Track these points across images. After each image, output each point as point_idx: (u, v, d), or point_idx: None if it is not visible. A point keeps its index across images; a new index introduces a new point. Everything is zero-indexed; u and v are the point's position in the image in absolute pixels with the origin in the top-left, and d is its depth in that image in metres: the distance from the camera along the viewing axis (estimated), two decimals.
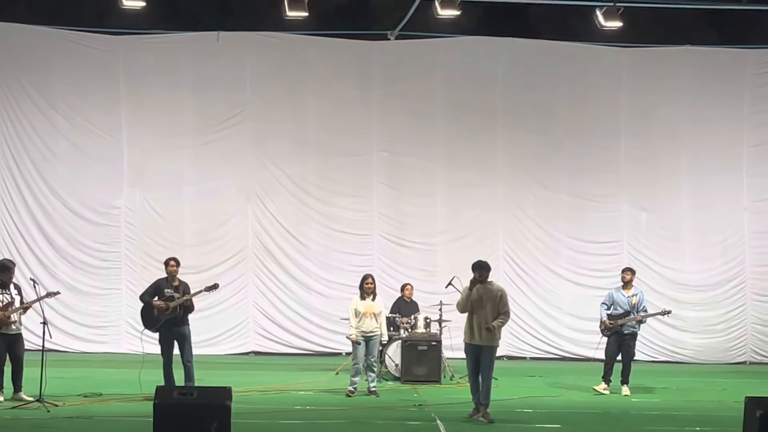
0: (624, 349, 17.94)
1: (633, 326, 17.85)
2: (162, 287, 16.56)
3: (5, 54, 22.19)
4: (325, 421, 15.00)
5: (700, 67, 23.17)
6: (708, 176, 22.97)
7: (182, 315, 16.49)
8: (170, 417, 12.90)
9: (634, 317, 17.68)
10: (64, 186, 22.28)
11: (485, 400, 14.99)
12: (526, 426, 15.10)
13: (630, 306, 17.82)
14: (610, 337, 18.03)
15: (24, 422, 14.46)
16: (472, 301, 15.01)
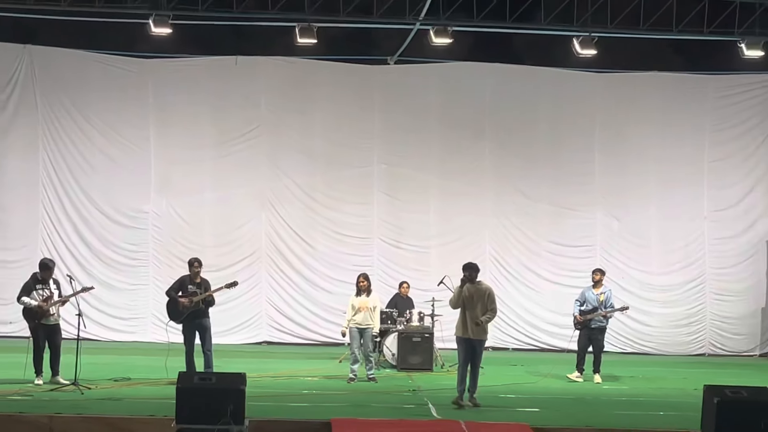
0: (593, 342, 18.02)
1: (600, 321, 17.91)
2: (186, 284, 16.66)
3: (47, 75, 22.21)
4: (328, 404, 15.04)
5: (666, 91, 23.18)
6: (673, 188, 22.98)
7: (204, 309, 16.59)
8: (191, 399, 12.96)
9: (600, 312, 17.76)
10: (98, 193, 22.31)
11: (473, 389, 15.08)
12: (509, 410, 15.12)
13: (598, 303, 17.91)
14: (581, 330, 18.12)
15: (60, 403, 14.51)
16: (464, 299, 15.12)
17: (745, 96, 23.08)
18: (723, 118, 23.09)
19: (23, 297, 16.11)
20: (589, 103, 23.05)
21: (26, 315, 16.22)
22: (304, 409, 14.58)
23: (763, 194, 23.02)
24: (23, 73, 22.18)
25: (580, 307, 18.08)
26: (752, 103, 23.07)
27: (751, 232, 22.95)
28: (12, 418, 13.61)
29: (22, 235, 22.09)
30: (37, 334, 16.11)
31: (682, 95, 23.14)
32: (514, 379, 18.33)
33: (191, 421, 12.80)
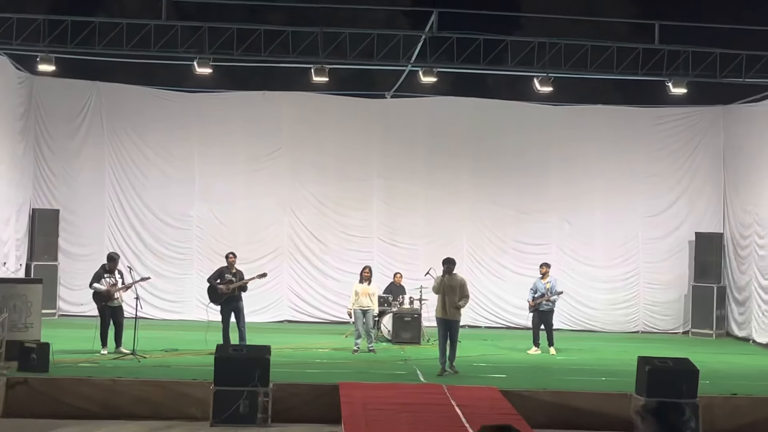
0: (544, 321, 18.23)
1: (547, 304, 18.18)
2: (224, 273, 16.80)
3: (111, 105, 22.23)
4: (336, 371, 15.09)
5: (608, 120, 23.15)
6: (614, 198, 22.94)
7: (238, 294, 16.68)
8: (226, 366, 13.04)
9: (546, 297, 17.96)
10: (152, 200, 22.31)
11: (452, 358, 15.16)
12: (481, 376, 15.21)
13: (545, 290, 18.11)
14: (534, 312, 18.31)
15: (121, 369, 14.60)
16: (443, 287, 15.22)
17: (671, 125, 23.06)
18: (654, 142, 23.06)
19: (94, 283, 16.26)
20: (546, 130, 23.00)
21: (96, 298, 16.34)
22: (317, 375, 14.65)
23: (685, 204, 23.00)
24: (93, 104, 22.19)
25: (533, 295, 18.27)
26: (677, 131, 23.04)
27: (676, 233, 22.92)
28: (82, 381, 13.68)
29: (91, 234, 22.09)
30: (104, 313, 16.24)
31: (621, 124, 23.11)
32: (485, 351, 18.41)
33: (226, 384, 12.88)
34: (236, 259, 17.12)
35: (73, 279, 21.66)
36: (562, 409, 13.63)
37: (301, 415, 13.26)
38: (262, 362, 13.03)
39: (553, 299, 18.29)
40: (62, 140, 22.09)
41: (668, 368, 13.29)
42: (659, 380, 12.92)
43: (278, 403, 13.07)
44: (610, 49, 18.56)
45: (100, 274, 16.42)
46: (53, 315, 20.75)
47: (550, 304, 18.23)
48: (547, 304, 18.17)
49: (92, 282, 16.37)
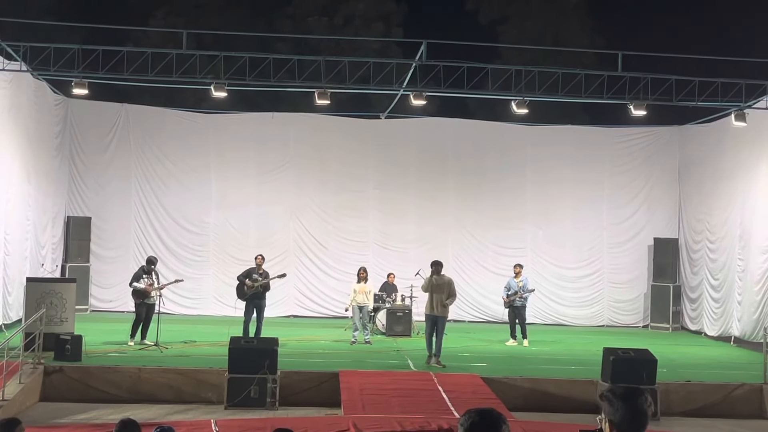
0: (518, 316, 18.23)
1: (520, 300, 18.19)
2: (252, 273, 16.76)
3: (137, 124, 22.23)
4: (336, 360, 15.10)
5: (577, 139, 23.18)
6: (582, 208, 22.97)
7: (262, 292, 16.64)
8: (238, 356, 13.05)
9: (519, 294, 17.98)
10: (173, 208, 22.29)
11: (438, 353, 15.06)
12: (465, 364, 15.21)
13: (517, 288, 18.12)
14: (509, 308, 18.34)
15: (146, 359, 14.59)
16: (432, 286, 15.18)
17: (633, 143, 23.11)
18: (618, 158, 23.10)
19: (134, 282, 16.30)
20: (522, 147, 23.04)
21: (135, 295, 16.34)
22: (319, 364, 14.64)
23: (645, 212, 23.03)
24: (121, 123, 22.19)
25: (507, 292, 18.31)
26: (638, 148, 23.10)
27: (636, 239, 22.94)
28: (111, 369, 13.68)
29: (119, 238, 22.07)
30: (140, 309, 16.26)
31: (589, 142, 23.15)
32: (468, 343, 18.42)
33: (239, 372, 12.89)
34: (264, 261, 17.13)
35: (103, 278, 21.67)
36: (536, 393, 13.68)
37: (306, 399, 13.29)
38: (270, 352, 13.03)
39: (525, 296, 18.28)
40: (94, 155, 22.08)
41: (630, 358, 13.33)
42: (622, 368, 12.95)
43: (285, 389, 13.10)
44: (578, 75, 18.62)
45: (139, 274, 16.42)
46: (85, 310, 20.72)
47: (523, 300, 18.24)
48: (520, 300, 18.18)
49: (132, 281, 16.38)
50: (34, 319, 13.83)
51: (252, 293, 16.52)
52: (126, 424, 7.47)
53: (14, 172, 18.12)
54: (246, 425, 11.10)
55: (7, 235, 17.72)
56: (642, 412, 3.97)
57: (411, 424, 10.89)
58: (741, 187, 19.63)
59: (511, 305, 18.24)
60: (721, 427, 12.94)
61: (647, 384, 12.55)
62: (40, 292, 15.03)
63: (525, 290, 18.21)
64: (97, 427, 11.40)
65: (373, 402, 12.29)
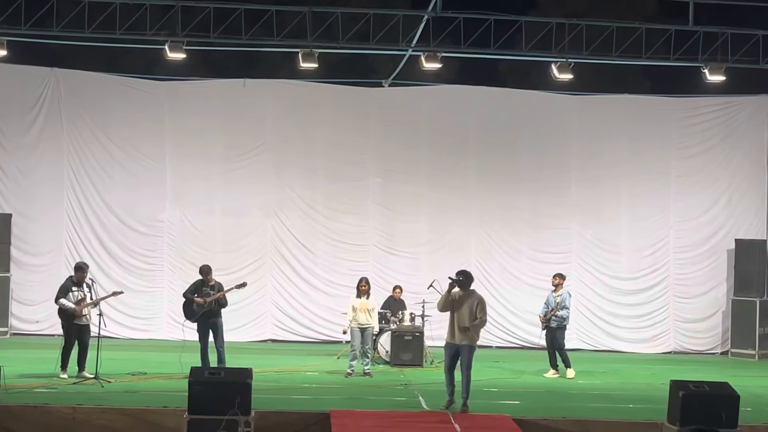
0: (553, 340, 18.12)
1: (555, 320, 18.02)
2: (200, 287, 16.70)
3: (71, 95, 22.22)
4: (327, 397, 15.04)
5: (635, 112, 23.19)
6: (642, 200, 23.01)
7: (217, 308, 16.64)
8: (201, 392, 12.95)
9: (553, 312, 17.92)
10: (117, 203, 22.30)
11: (465, 394, 14.54)
12: (492, 402, 15.14)
13: (555, 304, 18.04)
14: (545, 330, 18.28)
15: (83, 395, 14.54)
16: (452, 302, 14.62)
17: (707, 117, 23.11)
18: (687, 136, 23.12)
19: (61, 299, 16.14)
20: (565, 124, 23.07)
21: (62, 315, 16.25)
22: (305, 402, 14.60)
23: (723, 207, 23.05)
24: (50, 94, 22.18)
25: (546, 309, 18.23)
26: (713, 123, 23.11)
27: (712, 240, 22.97)
28: (38, 409, 13.61)
29: (48, 241, 22.09)
30: (69, 332, 16.16)
31: (650, 116, 23.15)
32: (496, 375, 18.36)
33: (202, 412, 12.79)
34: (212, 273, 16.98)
35: (28, 293, 21.67)
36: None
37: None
38: (242, 387, 12.97)
39: (560, 314, 18.05)
40: (14, 135, 22.10)
41: (704, 393, 13.26)
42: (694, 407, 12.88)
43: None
44: (638, 30, 18.60)
45: (67, 287, 16.26)
46: (5, 334, 20.75)
47: (558, 319, 18.09)
48: (555, 320, 18.08)
49: (59, 296, 16.26)
50: None
51: (204, 311, 16.52)
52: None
53: None
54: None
55: None
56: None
57: None
58: None
59: (548, 326, 18.19)
60: None
61: (727, 427, 12.51)
62: None
63: (560, 307, 18.06)
64: None
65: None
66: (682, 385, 13.37)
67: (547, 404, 15.07)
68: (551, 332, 18.14)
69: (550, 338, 18.21)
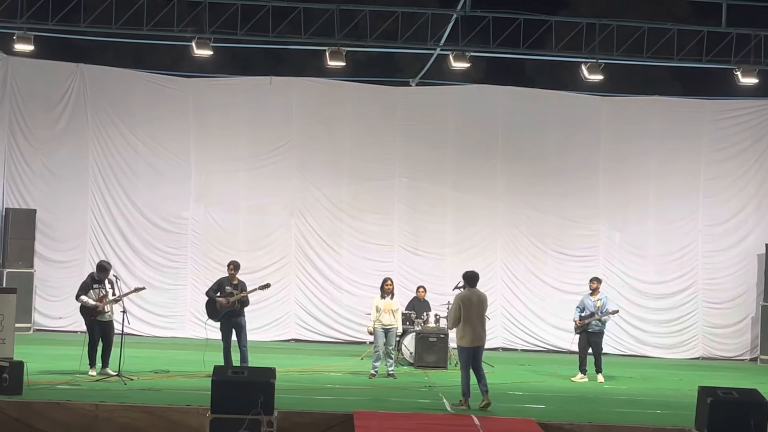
0: (592, 345, 18.10)
1: (597, 325, 18.00)
2: (224, 285, 16.75)
3: (97, 92, 22.30)
4: (350, 398, 15.03)
5: (666, 114, 23.09)
6: (670, 204, 22.91)
7: (239, 308, 16.66)
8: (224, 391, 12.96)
9: (596, 317, 17.83)
10: (142, 200, 22.39)
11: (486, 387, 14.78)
12: (517, 406, 15.10)
13: (595, 309, 17.98)
14: (581, 334, 18.19)
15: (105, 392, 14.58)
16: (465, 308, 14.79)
17: (739, 120, 22.99)
18: (718, 140, 23.00)
19: (82, 296, 16.20)
20: (594, 125, 22.99)
21: (83, 312, 16.31)
22: (328, 402, 14.59)
23: (754, 211, 22.92)
24: (76, 90, 22.28)
25: (581, 313, 18.15)
26: (745, 127, 22.98)
27: (742, 245, 22.84)
28: (60, 406, 13.66)
29: (72, 238, 22.19)
30: (93, 329, 16.22)
31: (680, 118, 23.05)
32: (521, 378, 18.31)
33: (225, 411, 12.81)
34: (238, 270, 17.04)
35: (51, 288, 21.77)
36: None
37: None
38: (265, 386, 12.98)
39: (605, 319, 18.09)
40: (40, 131, 22.20)
41: (734, 400, 13.18)
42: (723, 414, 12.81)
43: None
44: (670, 32, 18.51)
45: (88, 284, 16.36)
46: (28, 330, 20.82)
47: (601, 324, 18.09)
48: (597, 325, 18.03)
49: (79, 294, 16.34)
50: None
51: (227, 311, 16.54)
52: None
53: None
54: None
55: None
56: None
57: None
58: None
59: (584, 330, 18.11)
60: None
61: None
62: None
63: (605, 311, 18.03)
64: None
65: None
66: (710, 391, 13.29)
67: (573, 409, 15.00)
68: (590, 336, 18.04)
69: (586, 342, 18.12)
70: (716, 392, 13.25)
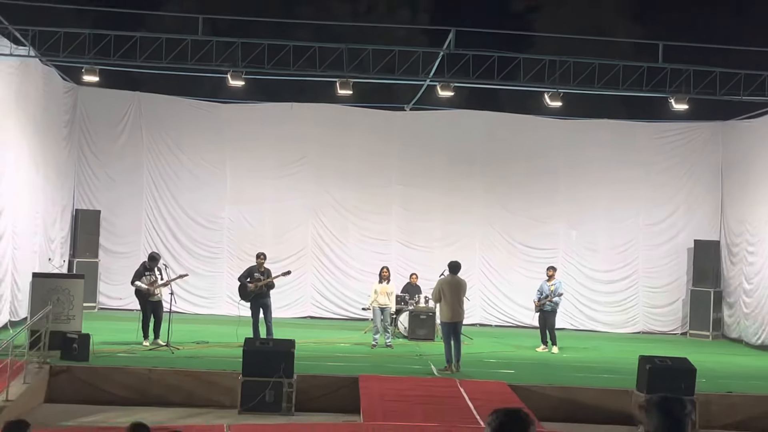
0: (547, 321, 18.22)
1: (550, 305, 18.12)
2: (253, 272, 16.83)
3: (149, 114, 22.35)
4: (356, 364, 15.13)
5: (613, 134, 23.07)
6: (617, 207, 22.89)
7: (266, 291, 16.75)
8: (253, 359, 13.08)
9: (549, 299, 17.95)
10: (186, 202, 22.40)
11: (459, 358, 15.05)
12: (491, 371, 15.19)
13: (549, 292, 18.09)
14: (539, 312, 18.32)
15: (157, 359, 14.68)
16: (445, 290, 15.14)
17: (672, 139, 22.99)
18: (655, 155, 22.99)
19: (136, 281, 16.32)
20: (554, 142, 22.97)
21: (138, 294, 16.42)
22: (337, 368, 14.67)
23: (684, 214, 22.91)
24: (133, 112, 22.32)
25: (540, 296, 18.29)
26: (677, 145, 22.98)
27: (674, 241, 22.83)
28: (120, 370, 13.77)
29: (129, 233, 22.20)
30: (145, 308, 16.37)
31: (625, 137, 23.05)
32: (495, 348, 18.40)
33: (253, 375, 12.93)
34: (266, 260, 17.15)
35: (113, 275, 21.81)
36: (566, 403, 13.62)
37: (323, 405, 13.30)
38: (287, 355, 13.06)
39: (555, 300, 18.22)
40: (104, 146, 22.23)
41: (667, 367, 13.27)
42: (659, 378, 12.88)
43: (301, 394, 13.10)
44: (616, 67, 18.51)
45: (141, 272, 16.50)
46: (93, 308, 20.87)
47: (553, 304, 18.21)
48: (550, 305, 18.17)
49: (134, 279, 16.46)
50: (39, 316, 13.95)
51: (255, 293, 16.62)
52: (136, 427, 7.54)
53: (22, 162, 18.21)
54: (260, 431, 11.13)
55: (16, 227, 17.79)
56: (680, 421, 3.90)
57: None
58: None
59: (541, 309, 18.24)
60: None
61: (685, 395, 12.47)
62: (46, 289, 15.12)
63: (555, 294, 18.16)
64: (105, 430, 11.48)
65: (394, 409, 12.29)
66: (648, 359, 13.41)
67: (537, 374, 15.10)
68: (545, 314, 18.19)
69: (544, 320, 18.25)
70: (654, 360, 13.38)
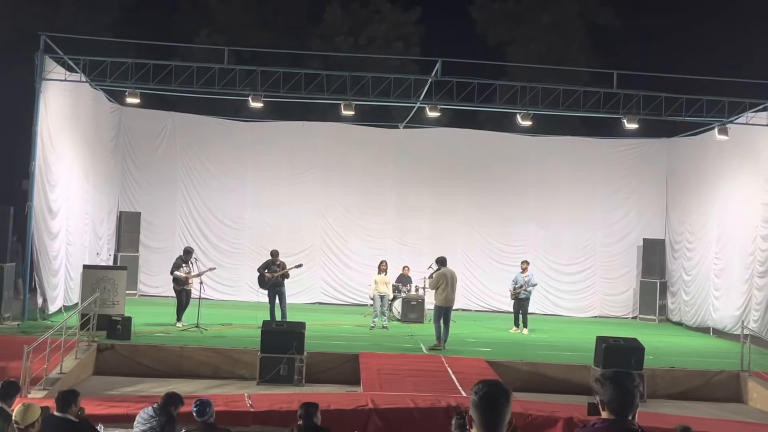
0: (521, 307, 18.20)
1: (525, 293, 18.11)
2: (270, 264, 16.78)
3: (183, 130, 22.34)
4: (357, 343, 15.12)
5: (575, 149, 23.05)
6: (578, 210, 22.83)
7: (281, 281, 16.72)
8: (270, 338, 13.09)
9: (524, 288, 17.93)
10: (214, 205, 22.35)
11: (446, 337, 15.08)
12: (471, 349, 15.19)
13: (523, 282, 18.07)
14: (514, 300, 18.31)
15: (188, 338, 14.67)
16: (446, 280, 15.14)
17: (625, 153, 22.98)
18: (612, 166, 22.97)
19: (175, 271, 16.37)
20: (526, 156, 22.94)
21: (175, 283, 16.42)
22: (341, 346, 14.67)
23: (635, 217, 22.89)
24: (169, 129, 22.29)
25: (515, 285, 18.26)
26: (630, 157, 22.97)
27: (626, 239, 22.82)
28: (156, 347, 13.78)
29: (165, 231, 22.16)
30: (180, 295, 16.34)
31: (586, 151, 23.03)
32: (474, 330, 18.39)
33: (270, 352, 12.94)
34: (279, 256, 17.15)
35: (151, 267, 21.78)
36: (534, 376, 13.66)
37: (329, 377, 13.33)
38: (298, 335, 13.09)
39: (529, 290, 18.26)
40: (144, 157, 22.19)
41: (620, 345, 13.29)
42: (613, 355, 12.91)
43: (311, 368, 13.13)
44: (577, 92, 18.54)
45: (178, 263, 16.52)
46: (134, 295, 20.84)
47: (527, 293, 18.22)
48: (524, 293, 18.17)
49: (173, 270, 16.50)
50: (89, 302, 13.97)
51: (272, 283, 16.62)
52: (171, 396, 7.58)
53: (74, 171, 18.29)
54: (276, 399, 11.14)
55: (69, 227, 17.87)
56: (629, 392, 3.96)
57: (423, 401, 10.88)
58: (721, 194, 19.64)
59: (517, 297, 18.24)
60: (702, 409, 12.86)
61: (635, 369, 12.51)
62: (94, 278, 15.23)
63: (529, 284, 18.19)
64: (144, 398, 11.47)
65: (389, 381, 12.29)
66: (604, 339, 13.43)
67: (510, 351, 15.10)
68: (520, 301, 18.20)
69: (519, 305, 18.25)
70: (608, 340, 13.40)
